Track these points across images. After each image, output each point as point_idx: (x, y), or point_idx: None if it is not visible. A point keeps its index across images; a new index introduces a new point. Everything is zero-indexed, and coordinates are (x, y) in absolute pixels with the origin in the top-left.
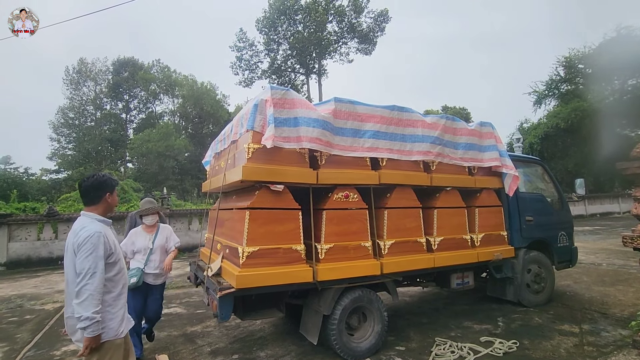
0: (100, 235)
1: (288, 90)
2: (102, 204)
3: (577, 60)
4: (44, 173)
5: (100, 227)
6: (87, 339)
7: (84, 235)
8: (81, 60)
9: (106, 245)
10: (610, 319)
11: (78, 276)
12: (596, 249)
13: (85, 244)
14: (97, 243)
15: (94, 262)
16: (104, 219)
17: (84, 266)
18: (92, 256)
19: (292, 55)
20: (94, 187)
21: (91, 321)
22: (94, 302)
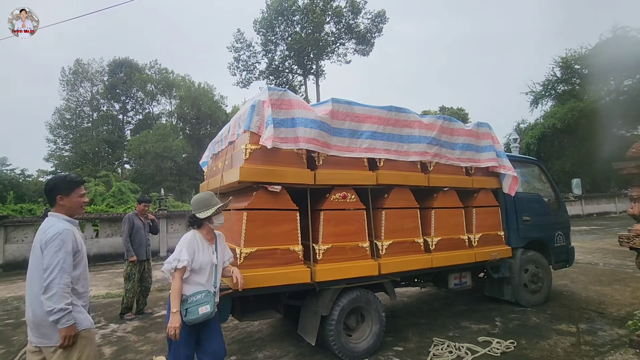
0: (69, 232)
1: (285, 91)
2: (58, 206)
3: (573, 60)
4: (41, 174)
5: (68, 225)
6: (63, 330)
7: (52, 232)
8: (77, 61)
9: (73, 242)
10: (607, 318)
11: (45, 271)
12: (593, 249)
13: (54, 240)
14: (65, 239)
15: (63, 257)
16: (70, 219)
17: (52, 261)
18: (61, 252)
19: (289, 56)
20: (46, 190)
21: (64, 312)
22: (64, 295)
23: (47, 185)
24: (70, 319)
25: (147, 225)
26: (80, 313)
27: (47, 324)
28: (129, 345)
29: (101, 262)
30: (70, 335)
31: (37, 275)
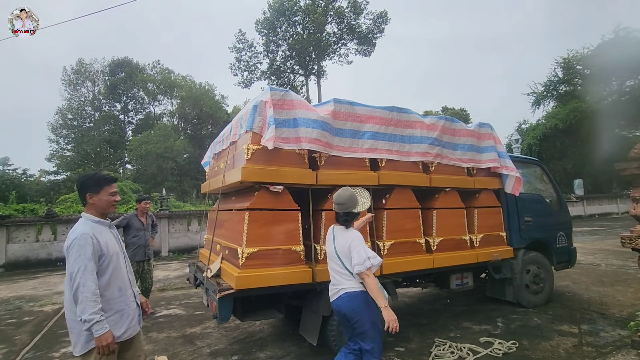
0: (87, 236)
1: (287, 91)
2: (89, 205)
3: (575, 61)
4: (43, 174)
5: (88, 229)
6: (96, 340)
7: (72, 237)
8: (79, 60)
9: (95, 246)
10: (609, 319)
11: (70, 279)
12: (595, 250)
13: (72, 247)
14: (83, 244)
15: (83, 265)
16: (100, 220)
17: (73, 269)
18: (80, 258)
19: (291, 56)
20: (77, 188)
21: (91, 322)
22: (90, 304)
23: (77, 184)
24: (101, 328)
25: (148, 226)
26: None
27: (72, 331)
28: None
29: None
30: (103, 345)
31: (67, 278)
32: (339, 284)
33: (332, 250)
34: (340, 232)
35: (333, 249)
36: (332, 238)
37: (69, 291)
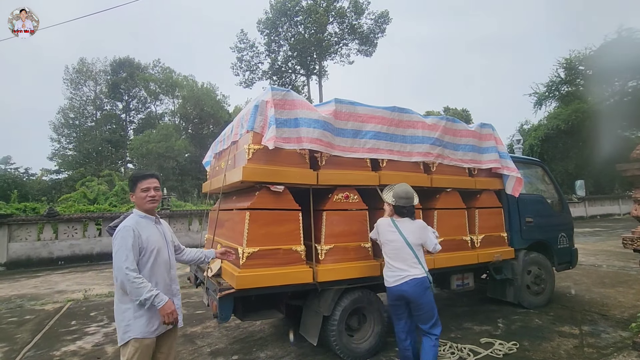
0: (129, 228)
1: (289, 91)
2: (134, 202)
3: (577, 61)
4: (45, 173)
5: (132, 222)
6: (160, 310)
7: (117, 230)
8: (81, 60)
9: (136, 239)
10: (611, 320)
11: (115, 271)
12: (596, 251)
13: (116, 239)
14: (125, 236)
15: (125, 255)
16: (145, 215)
17: (117, 260)
18: (121, 249)
19: (292, 56)
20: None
21: (150, 300)
22: (141, 286)
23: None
24: (161, 300)
25: None
26: (138, 318)
27: (116, 320)
28: None
29: (104, 261)
30: (167, 313)
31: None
32: (404, 271)
33: (400, 239)
34: (406, 223)
35: (401, 238)
36: (396, 229)
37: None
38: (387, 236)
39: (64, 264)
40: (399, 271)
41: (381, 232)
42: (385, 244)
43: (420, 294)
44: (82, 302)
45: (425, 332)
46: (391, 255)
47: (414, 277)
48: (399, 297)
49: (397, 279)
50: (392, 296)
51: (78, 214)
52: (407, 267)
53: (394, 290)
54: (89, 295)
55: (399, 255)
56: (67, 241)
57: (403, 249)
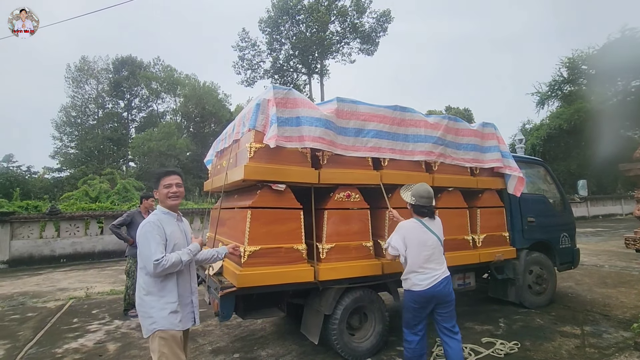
0: (152, 223)
1: (290, 90)
2: (158, 198)
3: (580, 61)
4: (47, 171)
5: (155, 218)
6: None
7: (141, 225)
8: (83, 58)
9: (160, 230)
10: (612, 320)
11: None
12: (598, 251)
13: (140, 236)
14: (149, 230)
15: (152, 248)
16: (167, 212)
17: (144, 255)
18: (146, 242)
19: (294, 55)
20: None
21: (188, 256)
22: (179, 256)
23: None
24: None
25: None
26: (161, 310)
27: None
28: (133, 342)
29: (106, 259)
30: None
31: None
32: (436, 271)
33: (434, 238)
34: (431, 222)
35: (434, 237)
36: (426, 228)
37: (140, 277)
38: (420, 237)
39: (66, 262)
40: (432, 272)
41: (411, 235)
42: (417, 246)
43: (450, 291)
44: (84, 300)
45: (449, 331)
46: (424, 256)
47: (446, 275)
48: (430, 299)
49: (431, 281)
50: (421, 299)
51: (80, 212)
52: (439, 266)
53: (427, 293)
54: (91, 293)
55: (433, 255)
56: (69, 239)
57: (437, 248)
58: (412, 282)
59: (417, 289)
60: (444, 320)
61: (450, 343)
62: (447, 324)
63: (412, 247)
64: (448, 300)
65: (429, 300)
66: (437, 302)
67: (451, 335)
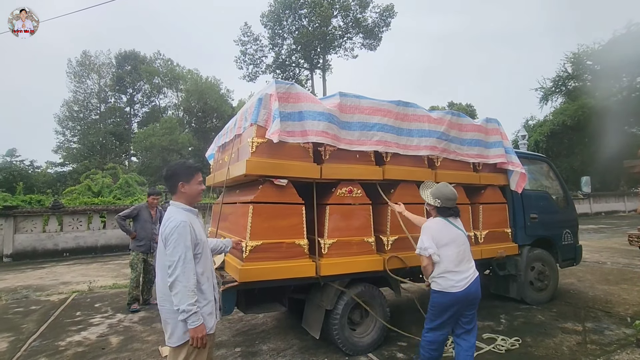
0: (186, 224)
1: (292, 84)
2: (179, 194)
3: (585, 56)
4: (50, 166)
5: (185, 217)
6: (191, 330)
7: (171, 225)
8: (84, 52)
9: (192, 234)
10: (614, 317)
11: (169, 268)
12: (601, 248)
13: (172, 235)
14: (183, 233)
15: (183, 253)
16: (190, 209)
17: (173, 257)
18: (180, 246)
19: (296, 50)
20: (168, 176)
21: (188, 313)
22: (188, 294)
23: (168, 172)
24: (197, 320)
25: (156, 220)
26: None
27: (168, 320)
28: (135, 335)
29: (108, 253)
30: (198, 337)
31: (161, 267)
32: (468, 271)
33: (462, 235)
34: (456, 220)
35: (463, 234)
36: (453, 226)
37: (161, 279)
38: (450, 235)
39: (69, 256)
40: (465, 273)
41: (440, 234)
42: (448, 245)
43: (479, 290)
44: (87, 294)
45: (467, 333)
46: (457, 254)
47: (477, 274)
48: (461, 301)
49: (465, 282)
50: (455, 301)
51: (83, 207)
52: (470, 266)
53: (461, 295)
54: (94, 287)
55: (464, 254)
56: (72, 233)
57: (467, 245)
58: (450, 283)
59: (454, 291)
60: (467, 321)
61: (463, 345)
62: (469, 326)
63: (444, 246)
64: (477, 301)
65: (464, 302)
66: (468, 304)
67: (466, 337)
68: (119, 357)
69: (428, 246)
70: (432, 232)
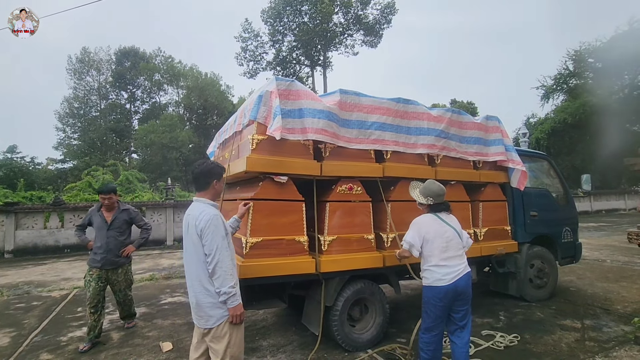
0: (219, 217)
1: (293, 81)
2: (210, 190)
3: (587, 54)
4: (50, 163)
5: (217, 211)
6: (231, 309)
7: (206, 218)
8: (84, 49)
9: (223, 225)
10: (613, 315)
11: (208, 257)
12: (600, 245)
13: (209, 227)
14: (218, 225)
15: (219, 242)
16: (215, 204)
17: (212, 246)
18: (217, 236)
19: (297, 46)
20: (204, 174)
21: (228, 295)
22: (227, 277)
23: (204, 169)
24: (236, 300)
25: (122, 224)
26: None
27: (205, 307)
28: (136, 331)
29: None
30: (237, 315)
31: (194, 260)
32: (459, 265)
33: (452, 230)
34: (448, 217)
35: (452, 229)
36: (442, 221)
37: (202, 270)
38: (437, 230)
39: (70, 252)
40: (455, 267)
41: (427, 228)
42: (434, 240)
43: (470, 286)
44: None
45: (461, 329)
46: (443, 249)
47: (468, 270)
48: (449, 295)
49: (454, 276)
50: (443, 295)
51: (84, 203)
52: (461, 261)
53: (449, 288)
54: None
55: (452, 248)
56: (73, 229)
57: (455, 240)
58: (435, 277)
59: (441, 284)
60: (460, 318)
61: (458, 342)
62: (462, 322)
63: (429, 240)
64: (467, 297)
65: (451, 296)
66: (457, 299)
67: (460, 334)
68: (120, 353)
69: (409, 240)
70: (419, 227)
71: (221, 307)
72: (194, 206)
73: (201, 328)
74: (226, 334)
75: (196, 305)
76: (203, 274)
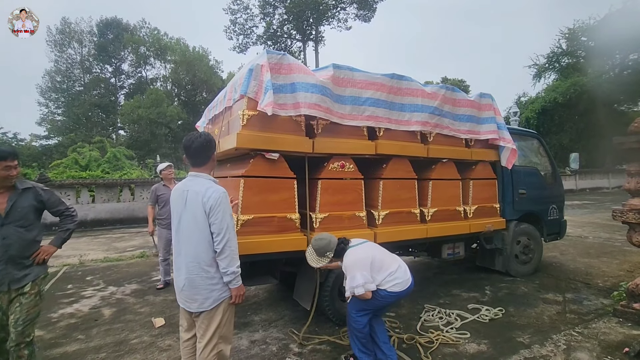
0: (226, 194)
1: (284, 55)
2: (209, 164)
3: (580, 32)
4: (34, 139)
5: (223, 188)
6: (234, 289)
7: (215, 195)
8: (64, 19)
9: None
10: (593, 289)
11: (217, 235)
12: (583, 223)
13: (220, 205)
14: (227, 202)
15: (229, 220)
16: (216, 180)
17: (222, 225)
18: (227, 215)
19: (288, 20)
20: (203, 147)
21: (235, 275)
22: (234, 257)
23: (204, 142)
24: (240, 280)
25: (16, 212)
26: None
27: (202, 289)
28: (128, 307)
29: (98, 227)
30: (240, 295)
31: (194, 239)
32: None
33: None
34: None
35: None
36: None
37: (203, 249)
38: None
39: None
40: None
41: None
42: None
43: None
44: (78, 267)
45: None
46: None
47: None
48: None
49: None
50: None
51: (70, 180)
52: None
53: (407, 292)
54: (85, 260)
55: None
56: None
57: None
58: (394, 282)
59: (397, 290)
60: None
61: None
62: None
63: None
64: None
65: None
66: None
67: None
68: (112, 329)
69: (364, 281)
70: (364, 263)
71: (218, 289)
72: (194, 181)
73: (193, 312)
74: (219, 315)
75: (189, 287)
76: (205, 254)
